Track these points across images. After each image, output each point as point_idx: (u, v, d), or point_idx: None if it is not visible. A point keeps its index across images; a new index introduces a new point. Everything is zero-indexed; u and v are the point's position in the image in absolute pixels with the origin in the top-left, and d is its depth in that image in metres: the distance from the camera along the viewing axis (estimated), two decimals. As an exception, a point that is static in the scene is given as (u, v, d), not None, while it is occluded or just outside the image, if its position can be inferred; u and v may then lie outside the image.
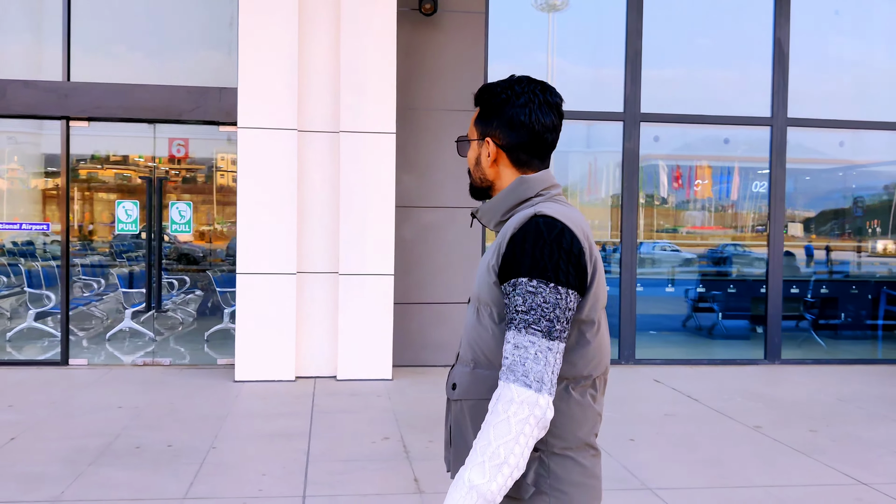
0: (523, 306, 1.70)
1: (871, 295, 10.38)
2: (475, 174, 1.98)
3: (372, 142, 7.65)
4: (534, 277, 1.71)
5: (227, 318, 9.58)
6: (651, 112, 8.83)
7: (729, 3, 9.11)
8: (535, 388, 1.65)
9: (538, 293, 1.70)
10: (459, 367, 1.93)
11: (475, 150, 1.97)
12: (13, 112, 7.92)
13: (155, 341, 9.24)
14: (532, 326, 1.69)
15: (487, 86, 1.94)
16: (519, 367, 1.67)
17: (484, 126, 1.94)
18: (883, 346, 9.96)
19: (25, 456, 5.18)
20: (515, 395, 1.64)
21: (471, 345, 1.87)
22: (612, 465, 5.24)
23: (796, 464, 5.32)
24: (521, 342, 1.68)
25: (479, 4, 8.44)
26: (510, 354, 1.69)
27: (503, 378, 1.68)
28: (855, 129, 9.23)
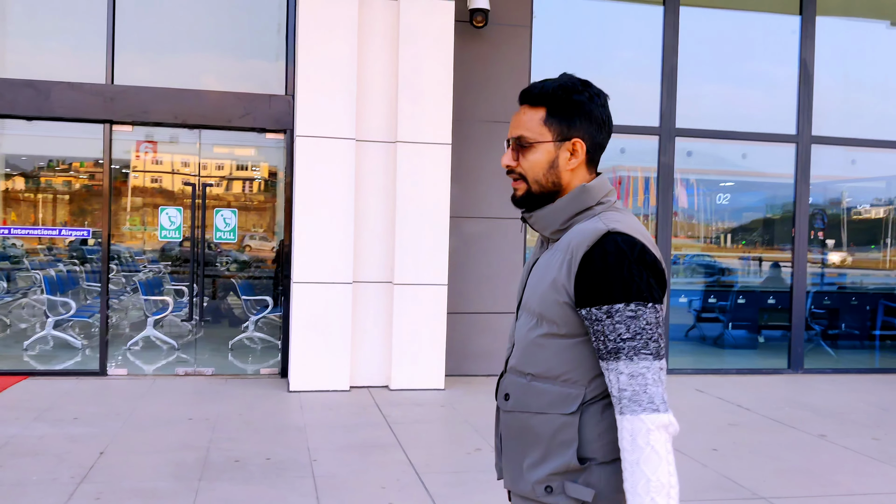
0: (628, 333, 1.67)
1: (869, 306, 10.80)
2: (545, 179, 1.85)
3: (428, 152, 7.67)
4: (631, 301, 1.67)
5: (252, 327, 9.48)
6: (685, 128, 9.05)
7: (757, 24, 9.40)
8: (663, 410, 1.65)
9: (639, 317, 1.68)
10: (512, 377, 1.89)
11: (550, 152, 1.84)
12: (56, 115, 7.71)
13: (177, 350, 9.09)
14: (642, 352, 1.67)
15: (560, 83, 1.83)
16: (643, 397, 1.65)
17: (564, 126, 1.82)
18: (890, 356, 10.35)
19: (127, 471, 5.07)
20: (650, 423, 1.64)
21: (528, 357, 1.84)
22: (711, 475, 5.37)
23: (881, 472, 5.54)
24: (636, 370, 1.67)
25: (525, 18, 8.55)
26: (628, 386, 1.66)
27: (628, 412, 1.66)
28: (873, 147, 9.60)
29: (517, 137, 1.85)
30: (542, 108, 1.83)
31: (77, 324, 9.40)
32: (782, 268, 10.25)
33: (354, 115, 7.54)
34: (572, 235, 1.77)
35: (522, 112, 1.87)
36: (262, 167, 8.53)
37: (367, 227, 7.73)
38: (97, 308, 9.30)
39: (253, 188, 8.56)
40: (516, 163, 1.86)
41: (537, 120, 1.83)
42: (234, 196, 8.44)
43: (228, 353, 8.97)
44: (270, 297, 9.54)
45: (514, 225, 8.55)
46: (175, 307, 9.30)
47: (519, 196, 1.89)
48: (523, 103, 1.87)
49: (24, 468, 5.04)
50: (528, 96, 1.86)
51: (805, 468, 5.57)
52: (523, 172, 1.86)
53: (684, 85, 9.06)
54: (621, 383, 1.67)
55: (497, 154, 8.46)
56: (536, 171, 1.84)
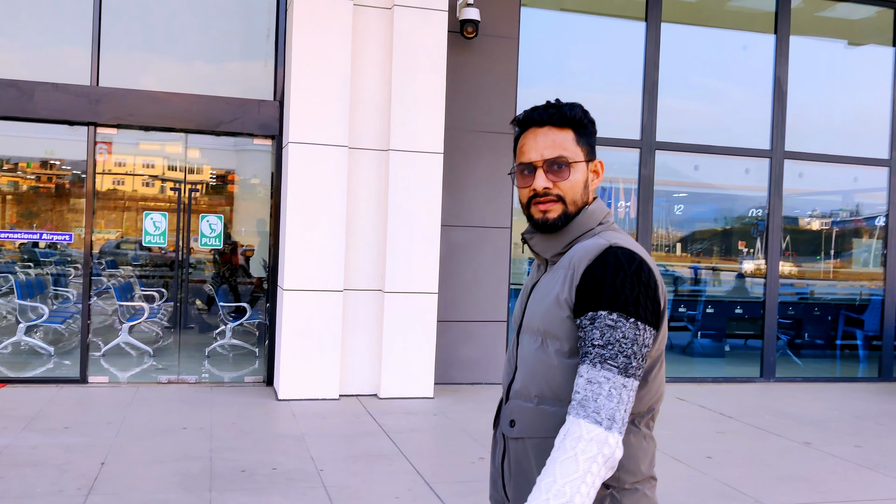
0: (600, 340, 1.65)
1: (830, 316, 11.14)
2: (581, 199, 1.84)
3: (421, 161, 7.70)
4: (613, 311, 1.65)
5: (229, 335, 9.36)
6: (665, 141, 9.25)
7: (735, 41, 9.65)
8: (606, 426, 1.60)
9: (617, 328, 1.65)
10: (518, 401, 1.84)
11: (584, 172, 1.85)
12: (40, 116, 7.53)
13: (152, 356, 8.94)
14: (608, 362, 1.63)
15: (578, 106, 1.86)
16: (591, 404, 1.61)
17: (589, 147, 1.86)
18: (852, 365, 10.70)
19: (132, 482, 4.97)
20: (584, 432, 1.59)
21: (535, 379, 1.80)
22: (709, 481, 5.50)
23: (871, 479, 5.73)
24: (596, 377, 1.63)
25: (513, 30, 8.64)
26: (582, 389, 1.63)
27: (573, 413, 1.63)
28: (849, 163, 9.92)
29: (555, 157, 1.81)
30: (569, 129, 1.83)
31: (48, 329, 9.18)
32: (747, 278, 10.53)
33: (348, 123, 7.53)
34: (574, 252, 1.78)
35: (549, 133, 1.83)
36: (249, 173, 8.44)
37: (358, 235, 7.71)
38: (69, 313, 9.09)
39: (239, 194, 8.47)
40: (553, 184, 1.82)
41: (570, 141, 1.83)
42: (220, 202, 8.34)
43: (206, 361, 8.84)
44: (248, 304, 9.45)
45: (500, 234, 8.62)
46: (150, 313, 9.14)
47: (555, 218, 1.83)
48: (544, 125, 1.84)
49: (25, 479, 4.91)
50: (550, 118, 1.83)
51: (799, 475, 5.74)
52: (562, 194, 1.82)
53: (664, 99, 9.26)
54: (578, 386, 1.65)
55: (486, 163, 8.52)
56: (576, 192, 1.83)
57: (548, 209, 1.83)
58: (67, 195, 8.02)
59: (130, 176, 8.14)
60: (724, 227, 10.22)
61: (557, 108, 1.83)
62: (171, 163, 8.14)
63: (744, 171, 9.84)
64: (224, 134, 7.99)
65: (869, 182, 10.22)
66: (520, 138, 1.88)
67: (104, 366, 8.35)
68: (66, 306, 9.64)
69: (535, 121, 1.85)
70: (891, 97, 10.01)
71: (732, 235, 10.18)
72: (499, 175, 8.59)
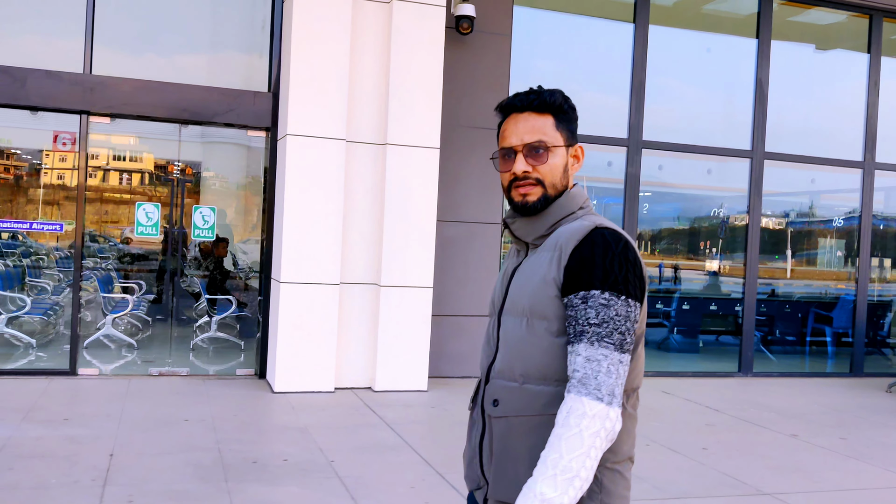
0: (596, 319, 1.70)
1: (801, 314, 11.46)
2: (560, 183, 1.89)
3: (417, 155, 7.75)
4: (606, 290, 1.71)
5: (215, 327, 9.33)
6: (652, 140, 9.42)
7: (720, 44, 9.87)
8: (607, 402, 1.66)
9: (610, 306, 1.70)
10: (500, 381, 1.87)
11: (564, 157, 1.89)
12: (32, 103, 7.41)
13: (136, 349, 8.88)
14: (605, 339, 1.69)
15: (559, 92, 1.90)
16: (591, 381, 1.67)
17: (569, 133, 1.90)
18: (823, 361, 11.02)
19: (146, 473, 4.96)
20: (588, 408, 1.65)
21: (520, 359, 1.83)
22: (710, 472, 5.66)
23: (860, 469, 5.95)
24: (594, 355, 1.68)
25: (507, 28, 8.72)
26: (581, 367, 1.68)
27: (574, 391, 1.68)
28: (819, 164, 10.21)
29: (535, 142, 1.85)
30: (549, 114, 1.87)
31: (26, 320, 9.04)
32: (720, 276, 10.77)
33: (346, 116, 7.55)
34: (559, 235, 1.83)
35: (529, 118, 1.87)
36: (243, 165, 8.41)
37: (355, 229, 7.74)
38: (48, 305, 8.97)
39: (233, 186, 8.43)
40: (532, 168, 1.86)
41: (550, 125, 1.87)
42: (214, 193, 8.29)
43: (191, 354, 8.79)
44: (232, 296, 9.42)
45: (491, 229, 8.71)
46: (133, 305, 9.06)
47: (534, 201, 1.87)
48: (524, 110, 1.88)
49: (36, 471, 4.87)
50: (530, 104, 1.87)
51: (793, 466, 5.94)
52: (541, 177, 1.86)
53: (650, 99, 9.43)
54: (576, 364, 1.69)
55: (478, 159, 8.60)
56: (555, 175, 1.87)
57: (528, 192, 1.86)
58: (58, 185, 7.90)
59: (120, 166, 8.05)
60: (693, 226, 10.45)
61: (538, 94, 1.87)
62: (164, 153, 8.07)
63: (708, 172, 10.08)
64: (218, 125, 7.94)
65: (842, 184, 10.53)
66: (502, 124, 1.93)
67: (92, 358, 8.26)
68: (44, 297, 9.51)
69: (515, 107, 1.89)
70: (865, 101, 10.32)
71: (700, 235, 10.41)
72: (490, 171, 8.68)
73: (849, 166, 10.31)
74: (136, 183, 8.11)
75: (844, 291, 11.21)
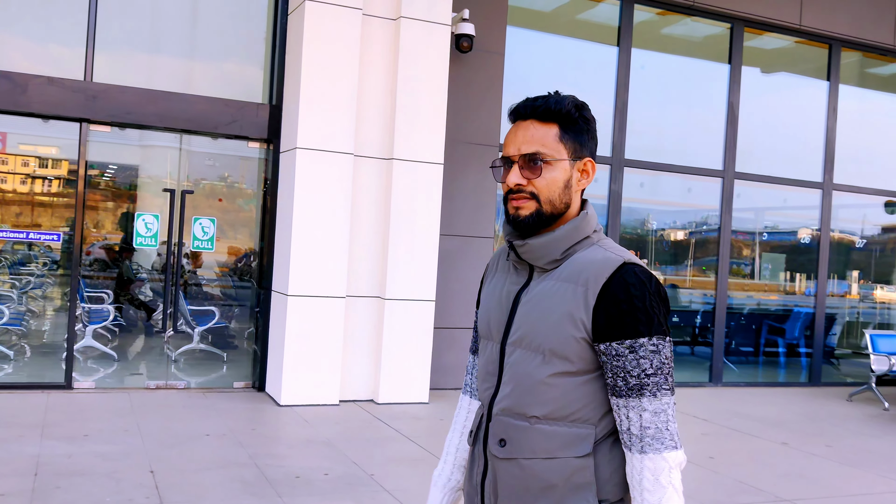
0: (652, 369, 1.63)
1: (754, 325, 12.04)
2: (559, 200, 1.73)
3: (422, 171, 7.87)
4: (653, 335, 1.64)
5: (197, 339, 9.21)
6: (633, 159, 9.79)
7: (695, 69, 10.33)
8: (680, 446, 1.65)
9: (660, 351, 1.64)
10: (507, 419, 1.75)
11: (566, 171, 1.73)
12: (33, 110, 7.22)
13: (116, 361, 8.71)
14: (663, 388, 1.64)
15: (571, 100, 1.75)
16: (665, 434, 1.63)
17: (577, 144, 1.74)
18: (782, 371, 11.60)
19: (197, 490, 4.94)
20: (671, 461, 1.62)
21: (532, 398, 1.71)
22: (728, 481, 5.96)
23: (856, 475, 6.35)
24: (660, 407, 1.64)
25: (500, 46, 8.94)
26: (651, 423, 1.63)
27: (651, 451, 1.63)
28: (783, 184, 10.78)
29: (532, 153, 1.71)
30: (554, 124, 1.72)
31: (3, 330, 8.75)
32: (679, 288, 11.24)
33: (354, 130, 7.61)
34: (580, 265, 1.70)
35: (530, 127, 1.73)
36: (243, 177, 8.36)
37: (360, 242, 7.80)
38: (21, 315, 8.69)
39: (233, 198, 8.37)
40: (527, 181, 1.72)
41: (552, 136, 1.72)
42: (214, 205, 8.22)
43: (174, 365, 8.66)
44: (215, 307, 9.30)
45: (484, 243, 8.89)
46: (104, 315, 8.84)
47: (526, 216, 1.73)
48: (528, 118, 1.74)
49: (85, 489, 4.80)
50: (535, 111, 1.73)
51: (797, 473, 6.30)
52: (536, 191, 1.71)
53: (632, 119, 9.80)
54: (644, 421, 1.63)
55: (473, 174, 8.77)
56: (552, 191, 1.72)
57: (520, 206, 1.73)
58: (57, 193, 7.72)
59: (120, 175, 7.91)
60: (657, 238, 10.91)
61: (545, 101, 1.73)
62: (166, 164, 7.97)
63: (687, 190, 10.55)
64: (221, 136, 7.89)
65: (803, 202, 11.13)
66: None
67: (79, 371, 8.06)
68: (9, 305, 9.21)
69: (519, 113, 1.76)
70: (824, 125, 10.95)
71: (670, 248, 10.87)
72: (483, 186, 8.86)
73: (810, 186, 10.91)
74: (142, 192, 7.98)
75: (796, 304, 11.81)
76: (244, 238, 8.58)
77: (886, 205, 11.56)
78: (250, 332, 8.62)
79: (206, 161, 8.16)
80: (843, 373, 11.80)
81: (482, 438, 1.82)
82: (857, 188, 11.21)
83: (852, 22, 10.69)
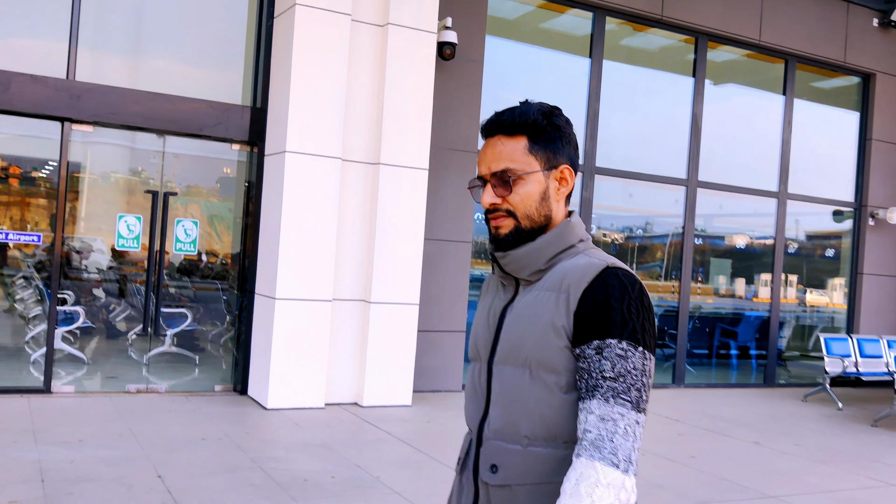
0: (612, 372, 1.50)
1: (708, 328, 12.48)
2: (537, 213, 1.66)
3: (408, 176, 7.96)
4: (623, 339, 1.52)
5: (169, 341, 9.11)
6: (603, 167, 10.06)
7: (662, 81, 10.67)
8: (623, 469, 1.46)
9: (628, 358, 1.51)
10: (499, 443, 1.64)
11: (541, 182, 1.66)
12: (16, 108, 7.07)
13: (87, 364, 8.58)
14: (621, 396, 1.49)
15: (538, 108, 1.67)
16: (606, 444, 1.47)
17: (550, 153, 1.67)
18: (738, 372, 12.05)
19: (210, 494, 4.95)
20: (602, 476, 1.45)
21: (525, 417, 1.60)
22: (713, 479, 6.22)
23: (831, 472, 6.70)
24: (609, 414, 1.49)
25: (479, 54, 9.09)
26: (594, 427, 1.49)
27: (585, 455, 1.48)
28: (742, 193, 11.21)
29: (501, 171, 1.65)
30: (523, 136, 1.66)
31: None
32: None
33: (342, 135, 7.66)
34: (564, 273, 1.62)
35: (498, 143, 1.67)
36: (227, 179, 8.31)
37: (346, 246, 7.85)
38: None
39: (219, 200, 8.31)
40: (502, 199, 1.66)
41: (521, 150, 1.65)
42: (194, 207, 8.15)
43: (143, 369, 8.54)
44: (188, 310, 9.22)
45: (462, 248, 9.02)
46: (74, 318, 8.68)
47: (505, 234, 1.67)
48: (495, 133, 1.68)
49: (98, 494, 4.76)
50: (501, 126, 1.67)
51: (774, 470, 6.61)
52: (512, 209, 1.66)
53: (602, 128, 10.07)
54: (588, 423, 1.50)
55: (452, 179, 8.89)
56: (528, 206, 1.66)
57: (499, 225, 1.68)
58: (37, 194, 7.55)
59: (102, 176, 7.79)
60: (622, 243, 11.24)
61: (510, 113, 1.66)
62: (149, 165, 7.88)
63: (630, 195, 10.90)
64: (206, 138, 7.84)
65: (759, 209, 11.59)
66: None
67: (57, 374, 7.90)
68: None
69: (487, 130, 1.70)
70: (780, 138, 11.42)
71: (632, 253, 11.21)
72: (462, 191, 9.00)
73: (766, 195, 11.37)
74: (123, 194, 7.87)
75: (743, 308, 12.26)
76: (226, 241, 8.53)
77: (835, 213, 12.11)
78: (230, 336, 8.56)
79: (189, 163, 8.09)
80: (791, 374, 12.32)
81: (472, 466, 1.72)
82: (810, 197, 11.72)
83: (806, 38, 11.19)
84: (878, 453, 7.50)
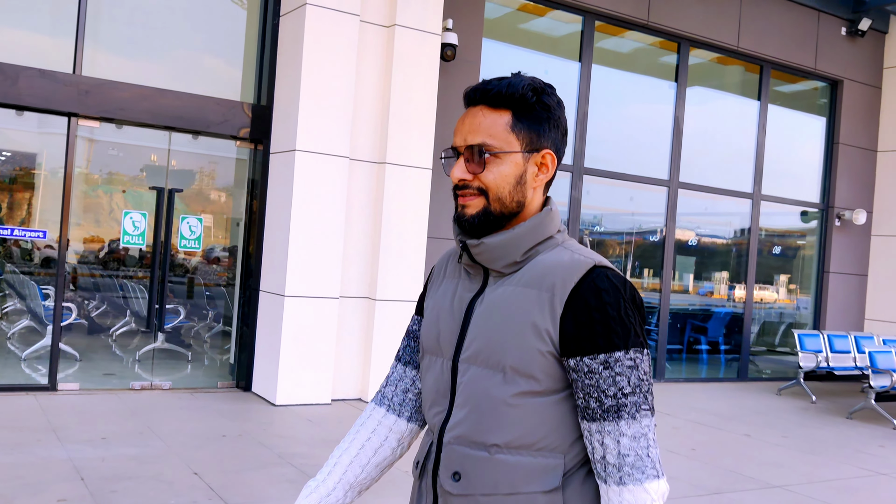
0: (630, 387, 1.43)
1: (679, 324, 12.87)
2: (509, 197, 1.50)
3: (413, 175, 8.08)
4: (630, 348, 1.43)
5: (171, 338, 9.08)
6: (591, 167, 10.31)
7: (646, 85, 10.97)
8: (662, 474, 1.44)
9: (638, 366, 1.44)
10: (462, 448, 1.51)
11: (518, 165, 1.50)
12: (24, 103, 6.98)
13: (79, 360, 8.52)
14: (642, 408, 1.43)
15: (529, 83, 1.51)
16: (646, 462, 1.42)
17: (534, 134, 1.51)
18: (710, 367, 12.46)
19: (252, 490, 5.02)
20: (652, 492, 1.42)
21: (491, 422, 1.48)
22: (719, 470, 6.51)
23: (823, 462, 7.05)
24: (640, 430, 1.43)
25: (476, 56, 9.25)
26: (630, 450, 1.42)
27: (630, 481, 1.41)
28: (719, 194, 11.59)
29: (478, 144, 1.49)
30: (507, 111, 1.51)
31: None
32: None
33: (350, 135, 7.74)
34: (545, 269, 1.49)
35: (479, 114, 1.51)
36: (231, 176, 8.32)
37: (352, 244, 7.94)
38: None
39: (221, 197, 8.31)
40: (473, 176, 1.50)
41: (502, 125, 1.50)
42: (198, 204, 8.14)
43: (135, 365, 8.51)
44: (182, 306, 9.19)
45: (448, 245, 9.15)
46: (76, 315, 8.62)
47: (472, 214, 1.51)
48: (478, 103, 1.52)
49: (142, 492, 4.79)
50: (485, 96, 1.51)
51: (771, 462, 6.93)
52: (484, 187, 1.50)
53: (590, 129, 10.33)
54: (622, 447, 1.42)
55: (447, 178, 9.02)
56: (501, 188, 1.49)
57: (466, 203, 1.52)
58: (43, 189, 7.46)
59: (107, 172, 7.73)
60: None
61: (497, 84, 1.51)
62: (154, 161, 7.85)
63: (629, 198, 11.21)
64: (213, 135, 7.84)
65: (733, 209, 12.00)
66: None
67: (56, 371, 7.83)
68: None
69: (470, 98, 1.55)
70: (755, 141, 11.83)
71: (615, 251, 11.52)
72: (459, 191, 9.15)
73: (741, 196, 11.77)
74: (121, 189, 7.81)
75: (717, 305, 12.69)
76: (230, 238, 8.53)
77: (802, 213, 12.60)
78: (233, 333, 8.57)
79: (193, 160, 8.08)
80: (759, 368, 12.78)
81: (430, 471, 1.58)
82: (781, 199, 12.17)
83: (780, 45, 11.61)
84: (859, 444, 7.90)
